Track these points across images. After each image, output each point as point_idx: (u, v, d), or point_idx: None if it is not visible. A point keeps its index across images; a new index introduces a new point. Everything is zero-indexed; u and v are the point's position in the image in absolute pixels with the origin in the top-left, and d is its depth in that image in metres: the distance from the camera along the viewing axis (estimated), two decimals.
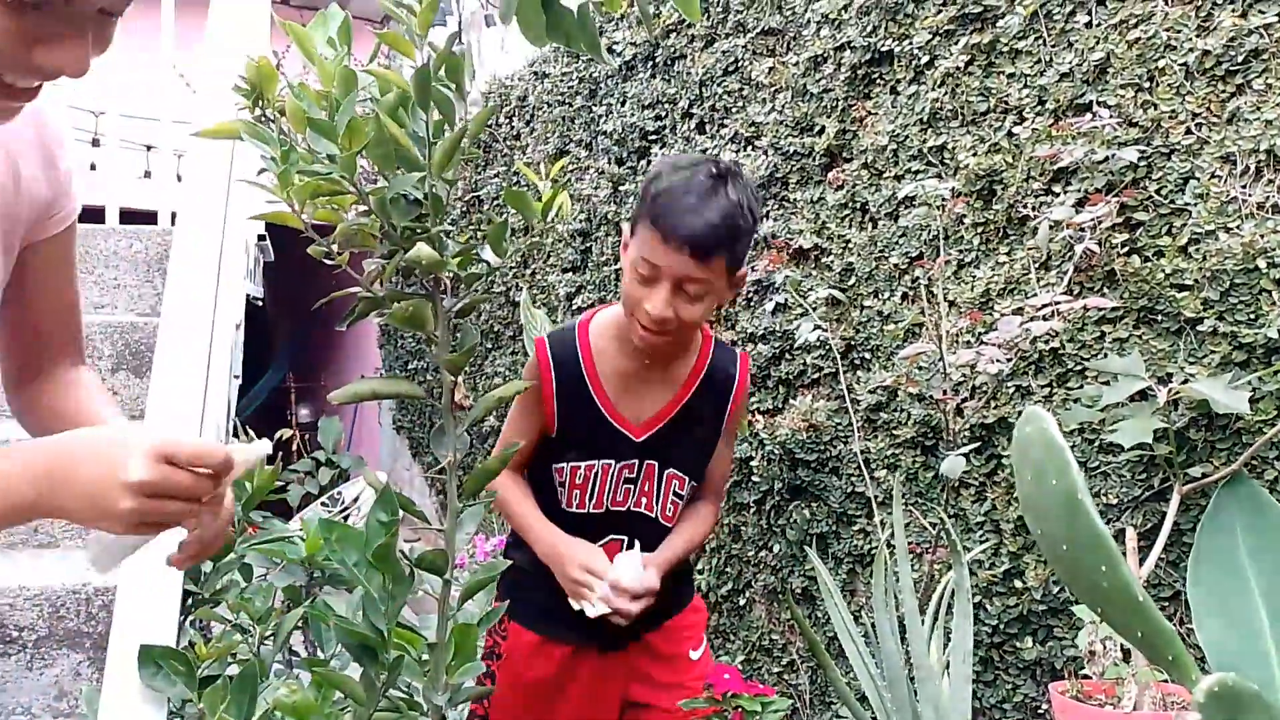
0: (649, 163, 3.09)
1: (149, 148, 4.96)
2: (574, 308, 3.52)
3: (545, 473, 1.40)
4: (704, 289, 1.29)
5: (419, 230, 1.01)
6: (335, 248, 0.98)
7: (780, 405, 2.41)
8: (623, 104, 3.25)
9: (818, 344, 2.23)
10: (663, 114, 3.03)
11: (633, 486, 1.38)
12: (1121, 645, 1.34)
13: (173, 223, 2.70)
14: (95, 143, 4.12)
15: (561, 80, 3.70)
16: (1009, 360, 1.55)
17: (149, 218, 2.75)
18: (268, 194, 0.96)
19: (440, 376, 1.03)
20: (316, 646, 1.36)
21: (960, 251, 1.92)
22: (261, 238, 2.59)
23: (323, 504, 6.13)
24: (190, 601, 0.98)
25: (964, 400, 1.82)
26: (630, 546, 1.40)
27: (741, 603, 2.61)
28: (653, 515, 1.41)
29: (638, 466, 1.38)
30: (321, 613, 1.21)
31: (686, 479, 1.42)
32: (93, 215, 2.64)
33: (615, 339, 1.39)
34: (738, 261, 1.33)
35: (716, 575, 2.65)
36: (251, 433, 0.87)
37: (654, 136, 3.10)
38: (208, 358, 1.03)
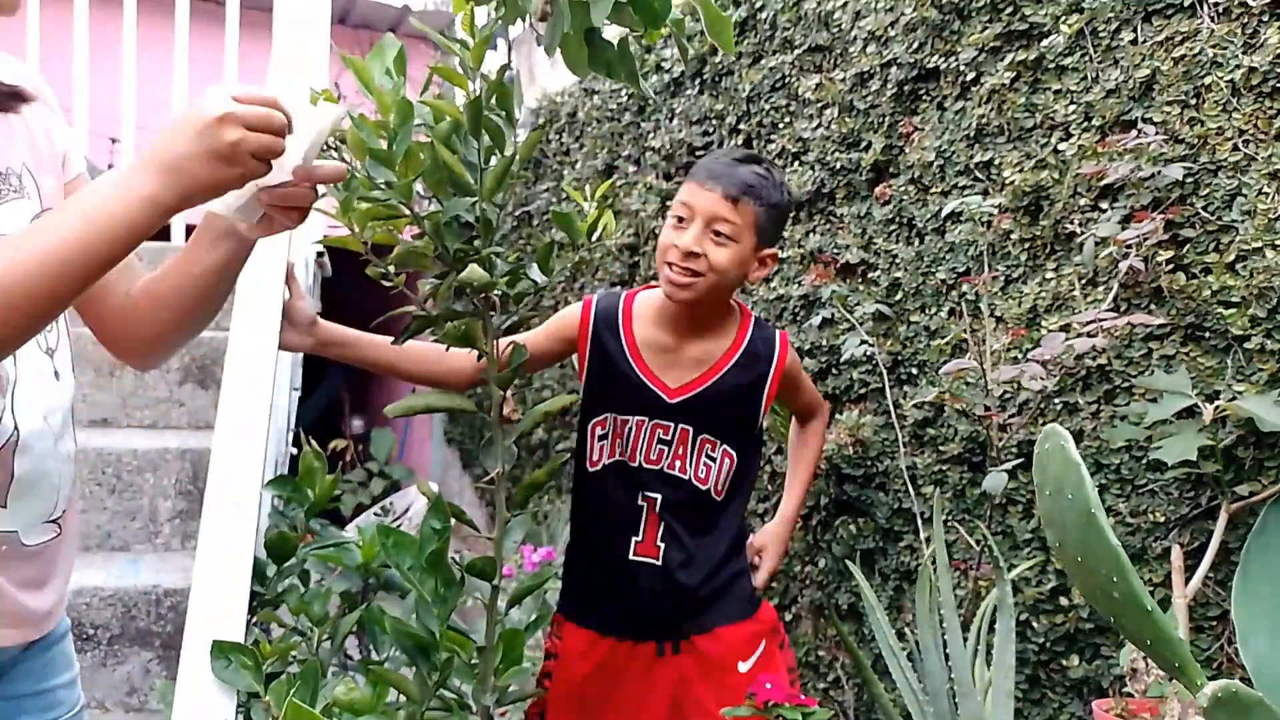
0: None
1: None
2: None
3: (583, 433, 1.45)
4: (733, 232, 1.38)
5: (471, 252, 1.06)
6: (392, 268, 1.04)
7: (828, 420, 2.42)
8: (671, 120, 3.30)
9: (864, 359, 2.24)
10: (710, 130, 3.07)
11: (666, 448, 1.42)
12: None
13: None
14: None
15: (610, 97, 3.76)
16: (1053, 377, 1.55)
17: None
18: (327, 216, 1.02)
19: (489, 390, 1.07)
20: (370, 649, 1.42)
21: (1007, 267, 1.92)
22: (320, 254, 2.68)
23: (374, 514, 6.26)
24: (256, 603, 1.04)
25: (1010, 417, 1.82)
26: (663, 506, 1.44)
27: (788, 619, 2.62)
28: (685, 477, 1.44)
29: (673, 430, 1.42)
30: (377, 616, 1.27)
31: (719, 443, 1.46)
32: (158, 233, 2.76)
33: (656, 311, 1.47)
34: (765, 228, 1.41)
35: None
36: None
37: (701, 152, 3.14)
38: (274, 373, 1.09)
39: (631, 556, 1.42)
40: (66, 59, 2.96)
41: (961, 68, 2.05)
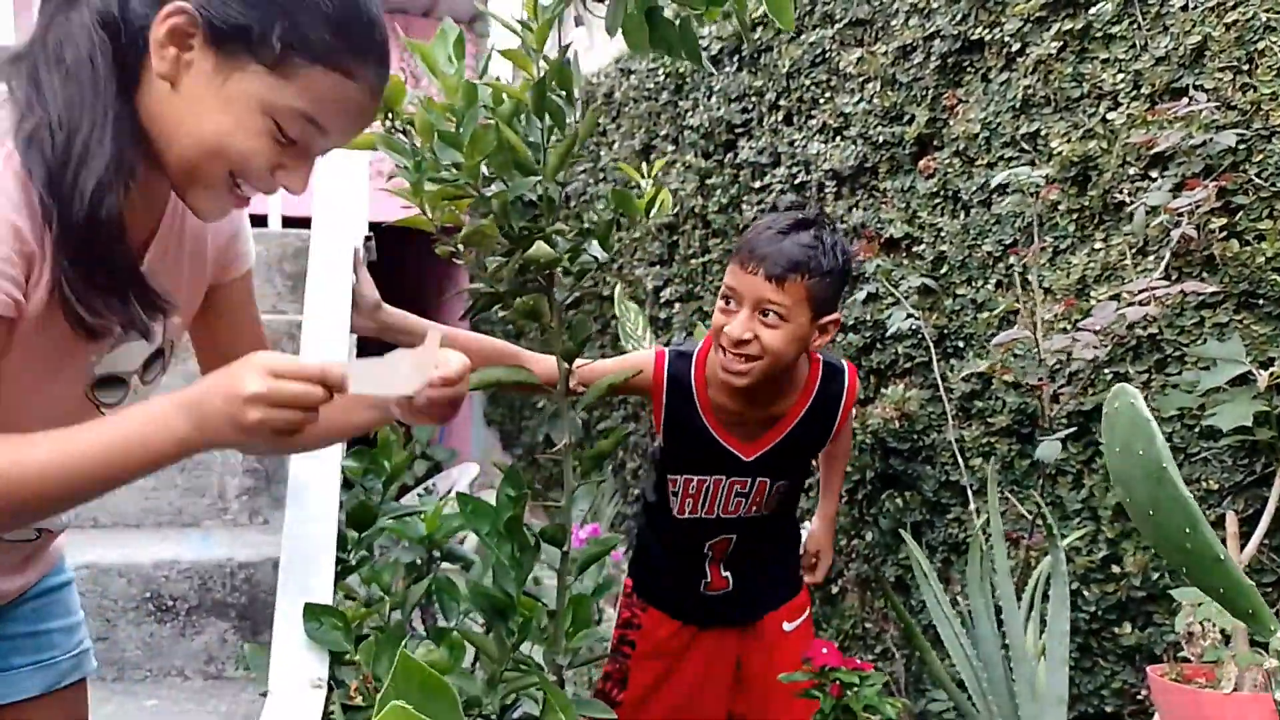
0: (735, 155, 3.14)
1: None
2: (661, 300, 3.59)
3: (662, 481, 1.48)
4: (782, 313, 1.32)
5: (535, 230, 1.09)
6: (460, 247, 1.07)
7: (872, 395, 2.43)
8: (709, 98, 3.30)
9: (910, 333, 2.25)
10: (749, 107, 3.07)
11: (744, 499, 1.44)
12: (1221, 629, 1.34)
13: (283, 225, 2.86)
14: None
15: (648, 76, 3.77)
16: (1105, 347, 1.56)
17: (259, 220, 2.92)
18: (383, 196, 1.05)
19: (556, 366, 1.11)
20: (437, 617, 1.47)
21: (1055, 238, 1.92)
22: (368, 238, 2.72)
23: (418, 494, 6.36)
24: (340, 568, 1.09)
25: (1060, 387, 1.82)
26: (740, 545, 1.48)
27: (834, 591, 2.65)
28: (757, 515, 1.48)
29: (750, 484, 1.43)
30: (444, 585, 1.31)
31: (789, 482, 1.49)
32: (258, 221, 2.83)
33: (724, 379, 1.43)
34: (821, 299, 1.36)
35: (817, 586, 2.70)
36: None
37: (740, 129, 3.14)
38: (348, 355, 1.13)
39: (703, 591, 1.49)
40: None
41: (1006, 39, 2.04)
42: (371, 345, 1.16)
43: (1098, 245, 1.83)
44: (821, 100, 2.69)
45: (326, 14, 0.77)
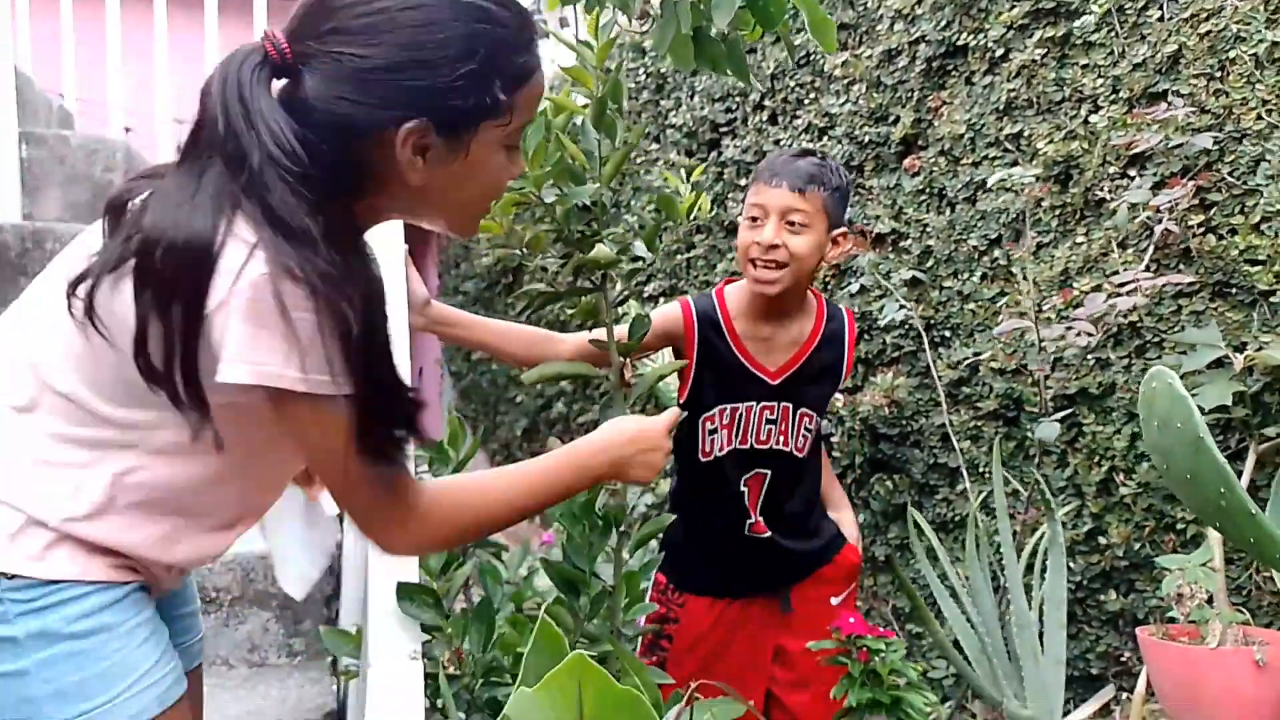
0: (720, 154, 3.23)
1: None
2: (644, 296, 3.68)
3: (692, 428, 1.55)
4: (805, 220, 1.49)
5: (590, 233, 1.17)
6: (523, 250, 1.15)
7: (860, 383, 2.55)
8: (691, 98, 3.39)
9: (898, 323, 2.36)
10: (733, 107, 3.17)
11: (774, 426, 1.55)
12: (1207, 590, 1.47)
13: None
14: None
15: (628, 75, 3.85)
16: (1096, 335, 1.68)
17: None
18: None
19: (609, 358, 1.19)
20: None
21: (1039, 233, 2.04)
22: None
23: None
24: None
25: (1050, 373, 1.95)
26: (773, 488, 1.57)
27: None
28: (788, 450, 1.57)
29: (777, 409, 1.55)
30: (488, 569, 1.39)
31: (814, 415, 1.59)
32: None
33: (748, 304, 1.57)
34: (834, 213, 1.52)
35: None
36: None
37: (725, 129, 3.24)
38: (407, 349, 1.20)
39: (747, 534, 1.56)
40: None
41: (990, 44, 2.16)
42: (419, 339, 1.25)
43: (1080, 239, 1.96)
44: (807, 101, 2.79)
45: (513, 41, 0.84)
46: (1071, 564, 1.95)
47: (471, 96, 0.82)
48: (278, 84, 0.82)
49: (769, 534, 1.58)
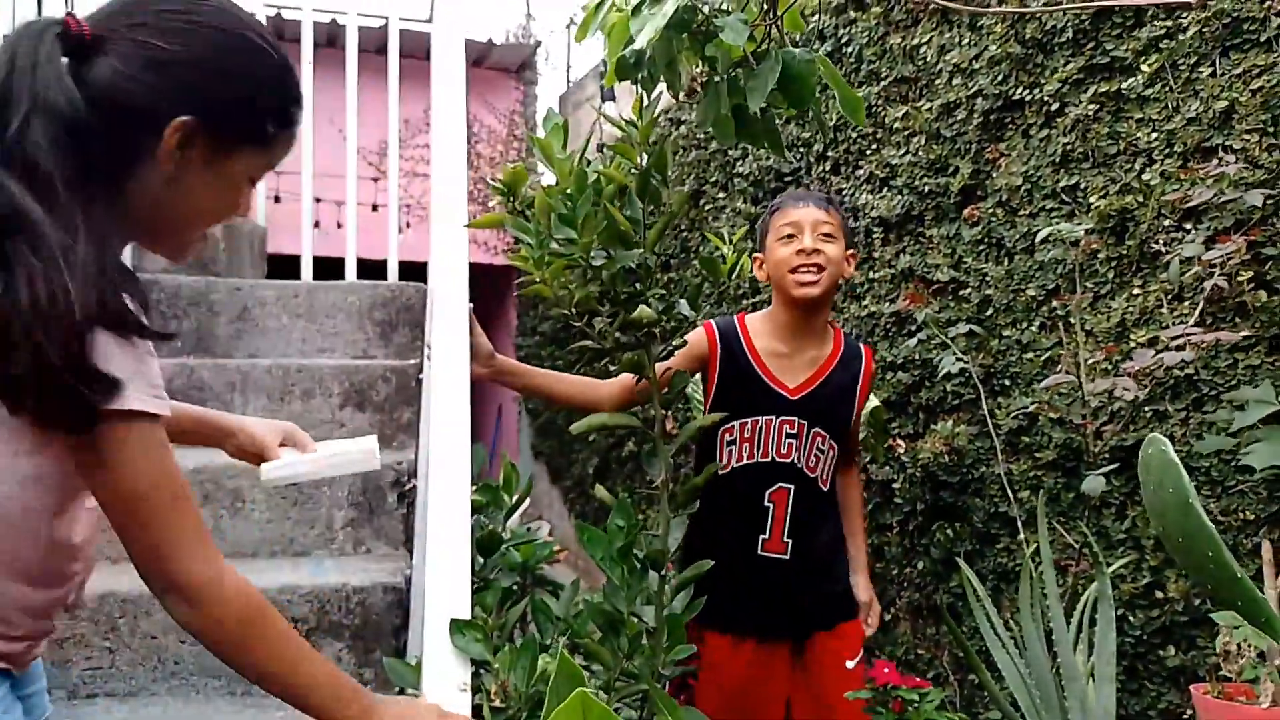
0: None
1: (318, 200, 5.50)
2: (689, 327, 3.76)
3: (712, 441, 1.64)
4: (834, 231, 1.67)
5: (635, 294, 1.26)
6: (573, 310, 1.24)
7: (921, 430, 2.57)
8: (737, 145, 3.47)
9: (958, 372, 2.38)
10: (797, 157, 3.24)
11: (794, 441, 1.63)
12: (1257, 648, 1.45)
13: (358, 275, 3.07)
14: (277, 199, 4.65)
15: (697, 128, 3.96)
16: (1145, 389, 1.69)
17: (336, 263, 3.14)
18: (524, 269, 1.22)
19: (650, 409, 1.26)
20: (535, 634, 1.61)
21: (1095, 284, 2.05)
22: None
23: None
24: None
25: (1103, 424, 1.95)
26: (797, 507, 1.63)
27: (886, 619, 2.76)
28: (804, 468, 1.66)
29: (795, 425, 1.64)
30: (541, 606, 1.47)
31: (826, 435, 1.68)
32: (330, 270, 3.04)
33: (770, 324, 1.71)
34: (848, 231, 1.69)
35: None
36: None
37: (789, 178, 3.31)
38: (469, 399, 1.30)
39: (760, 552, 1.60)
40: None
41: (1045, 98, 2.19)
42: (479, 390, 1.35)
43: (1135, 291, 1.96)
44: (868, 152, 2.85)
45: (292, 94, 0.94)
46: (1131, 618, 1.93)
47: (246, 118, 0.90)
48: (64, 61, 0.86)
49: (787, 556, 1.63)
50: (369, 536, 1.97)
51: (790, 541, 1.61)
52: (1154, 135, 1.93)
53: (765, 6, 1.06)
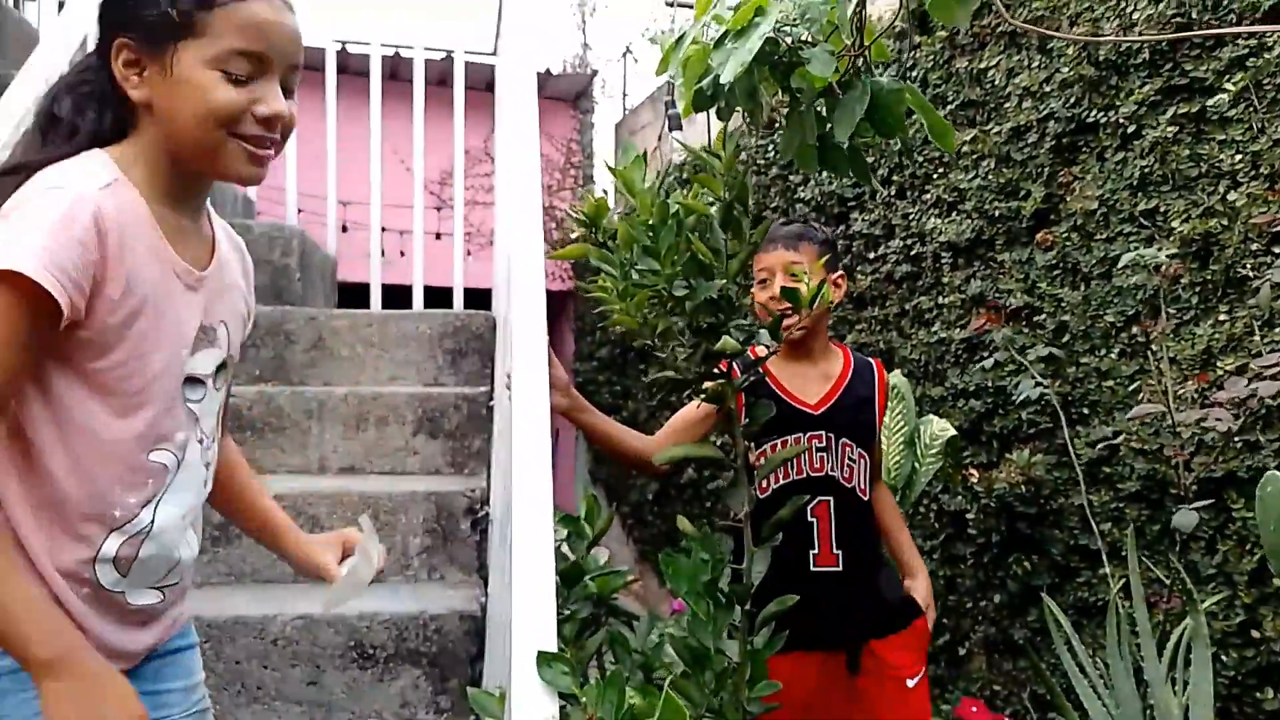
0: (848, 227, 3.28)
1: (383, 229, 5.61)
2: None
3: (749, 470, 1.64)
4: (804, 268, 1.67)
5: (718, 325, 1.26)
6: (655, 341, 1.24)
7: (995, 459, 2.51)
8: (820, 172, 3.46)
9: (1034, 400, 2.33)
10: (861, 181, 3.22)
11: (825, 454, 1.65)
12: None
13: (426, 304, 3.12)
14: (344, 228, 4.75)
15: (758, 152, 3.96)
16: (1237, 419, 1.63)
17: (403, 299, 3.20)
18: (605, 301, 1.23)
19: (732, 441, 1.26)
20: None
21: (1178, 310, 2.00)
22: None
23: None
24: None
25: (1192, 456, 1.89)
26: (840, 519, 1.62)
27: (960, 654, 2.69)
28: (840, 477, 1.66)
29: (824, 437, 1.65)
30: (618, 637, 1.46)
31: (854, 444, 1.68)
32: (393, 296, 3.10)
33: (778, 353, 1.69)
34: (827, 259, 1.71)
35: (933, 627, 2.75)
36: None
37: (852, 203, 3.29)
38: (549, 430, 1.31)
39: (813, 569, 1.60)
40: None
41: (1121, 121, 2.15)
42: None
43: (1222, 317, 1.91)
44: (935, 176, 2.82)
45: None
46: (1224, 657, 1.86)
47: (154, 11, 0.93)
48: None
49: (839, 567, 1.62)
50: (443, 563, 1.98)
51: (840, 553, 1.62)
52: (1238, 157, 1.88)
53: (855, 38, 1.06)
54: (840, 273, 1.76)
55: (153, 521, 1.00)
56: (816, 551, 1.64)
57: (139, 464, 0.97)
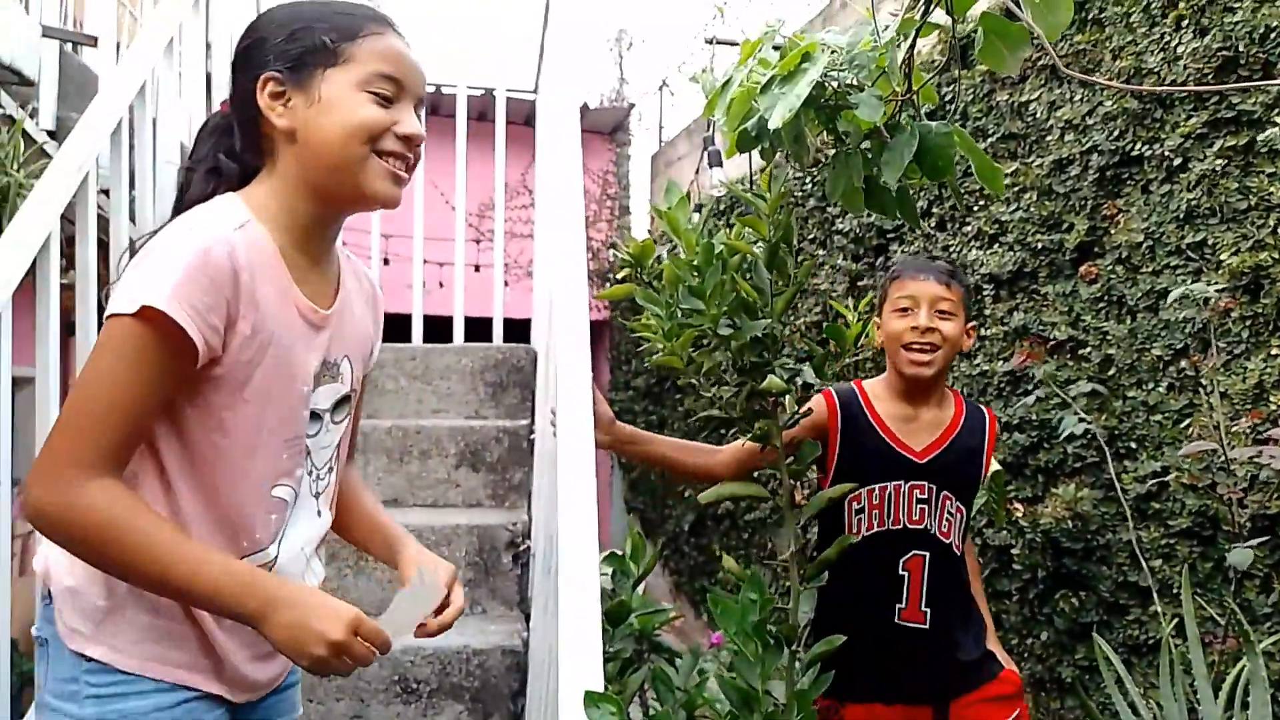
0: (887, 259, 3.27)
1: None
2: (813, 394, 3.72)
3: (838, 512, 1.60)
4: (952, 308, 1.62)
5: (762, 364, 1.26)
6: (700, 380, 1.25)
7: (1040, 494, 2.48)
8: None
9: (1079, 434, 2.30)
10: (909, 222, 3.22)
11: (925, 506, 1.59)
12: None
13: (465, 334, 3.16)
14: (386, 261, 4.83)
15: (795, 184, 3.98)
16: None
17: (438, 321, 3.24)
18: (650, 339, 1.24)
19: (778, 477, 1.26)
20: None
21: (1229, 344, 1.97)
22: None
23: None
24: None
25: (1245, 492, 1.85)
26: (933, 573, 1.57)
27: None
28: (938, 533, 1.61)
29: (927, 488, 1.60)
30: (660, 675, 1.46)
31: (954, 498, 1.63)
32: (432, 327, 3.15)
33: (890, 390, 1.67)
34: (968, 305, 1.65)
35: None
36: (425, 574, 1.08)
37: (892, 235, 3.29)
38: (593, 465, 1.32)
39: (897, 622, 1.56)
40: None
41: (1167, 153, 2.13)
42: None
43: (1274, 351, 1.87)
44: (975, 208, 2.81)
45: (338, 10, 1.02)
46: None
47: (302, 45, 0.99)
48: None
49: (926, 625, 1.57)
50: (485, 597, 1.99)
51: (928, 611, 1.56)
52: None
53: (904, 83, 1.07)
54: (975, 323, 1.73)
55: (277, 554, 1.04)
56: (903, 606, 1.58)
57: (263, 498, 1.01)
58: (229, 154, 1.04)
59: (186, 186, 1.04)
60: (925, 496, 1.58)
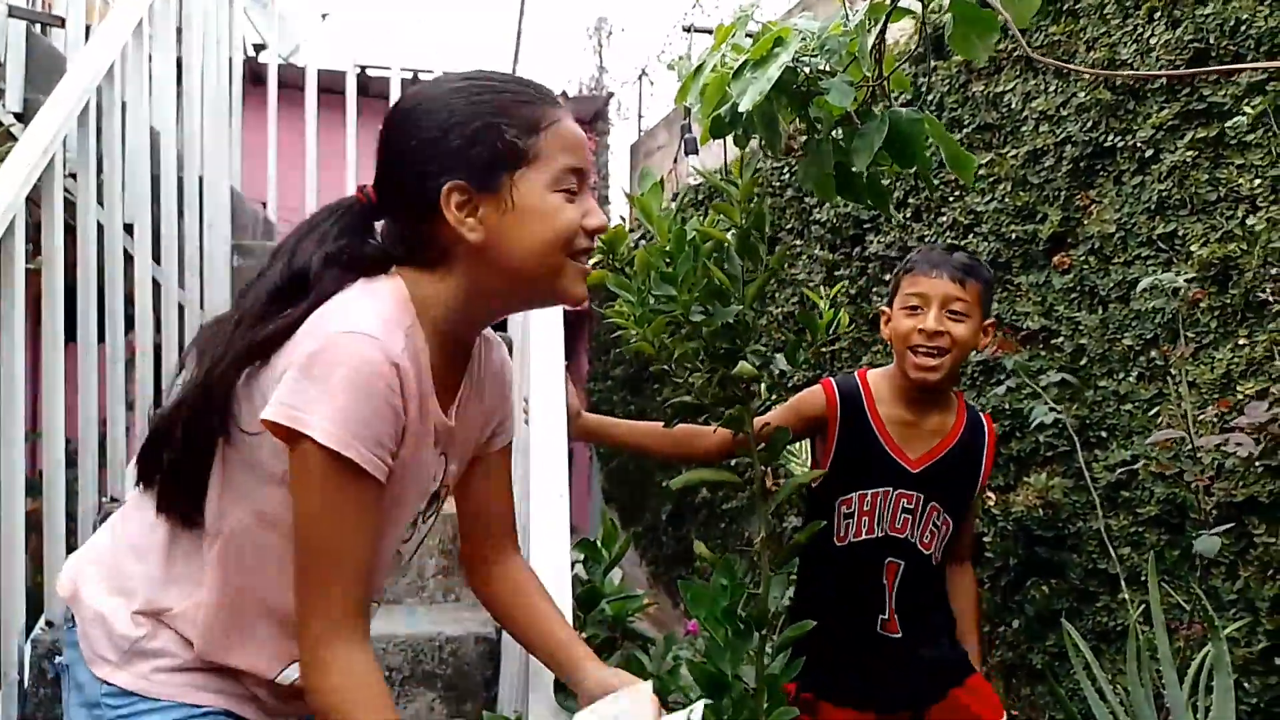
0: (863, 249, 3.28)
1: None
2: (790, 385, 3.72)
3: (827, 512, 1.56)
4: (965, 309, 1.54)
5: (734, 350, 1.26)
6: (671, 366, 1.25)
7: (1012, 483, 2.50)
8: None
9: (1051, 423, 2.32)
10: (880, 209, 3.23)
11: (910, 516, 1.55)
12: None
13: None
14: None
15: (773, 174, 3.98)
16: (1259, 444, 1.62)
17: None
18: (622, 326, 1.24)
19: (749, 465, 1.26)
20: None
21: (1197, 334, 1.99)
22: None
23: None
24: None
25: (1212, 480, 1.87)
26: (905, 582, 1.55)
27: None
28: (920, 543, 1.57)
29: (915, 499, 1.55)
30: (634, 664, 1.46)
31: (942, 510, 1.58)
32: None
33: (895, 389, 1.59)
34: (986, 303, 1.57)
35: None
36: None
37: (868, 225, 3.30)
38: (566, 457, 1.32)
39: (879, 630, 1.54)
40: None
41: (1139, 145, 2.15)
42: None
43: (1242, 342, 1.90)
44: (951, 198, 2.83)
45: (516, 99, 0.95)
46: (1246, 684, 1.83)
47: (488, 148, 0.91)
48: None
49: (899, 634, 1.56)
50: (458, 584, 1.99)
51: (898, 618, 1.55)
52: (1257, 181, 1.88)
53: (874, 69, 1.07)
54: (992, 320, 1.62)
55: None
56: (886, 617, 1.57)
57: None
58: (365, 244, 0.97)
59: (310, 274, 0.94)
60: (911, 506, 1.55)
